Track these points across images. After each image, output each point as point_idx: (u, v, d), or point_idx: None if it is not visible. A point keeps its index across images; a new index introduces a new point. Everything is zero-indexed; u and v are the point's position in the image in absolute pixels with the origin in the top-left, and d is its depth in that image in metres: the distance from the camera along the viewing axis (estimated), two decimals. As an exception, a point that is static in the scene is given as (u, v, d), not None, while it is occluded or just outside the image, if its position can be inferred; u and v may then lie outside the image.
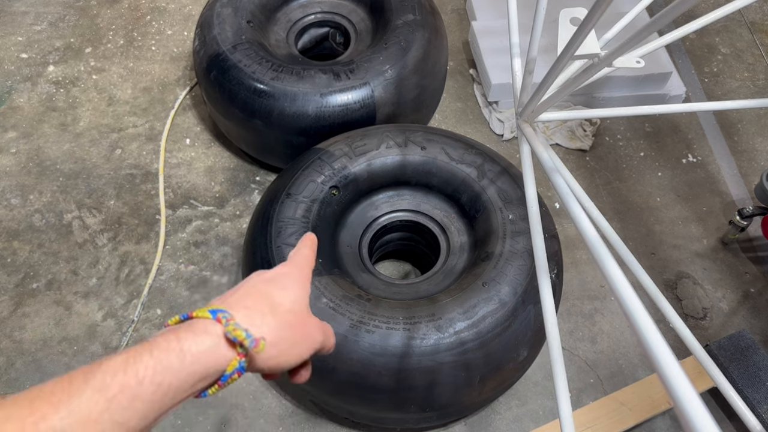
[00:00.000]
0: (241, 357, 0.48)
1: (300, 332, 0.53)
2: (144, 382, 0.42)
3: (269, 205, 1.42)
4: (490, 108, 2.12)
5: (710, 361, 1.02)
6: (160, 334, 0.46)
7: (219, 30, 1.73)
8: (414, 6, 1.79)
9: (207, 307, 0.49)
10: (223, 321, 0.47)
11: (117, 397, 0.40)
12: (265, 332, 0.50)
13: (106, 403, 0.40)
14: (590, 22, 0.66)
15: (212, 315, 0.48)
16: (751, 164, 2.08)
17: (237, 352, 0.48)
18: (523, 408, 1.56)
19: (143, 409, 0.42)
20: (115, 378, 0.41)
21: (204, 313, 0.48)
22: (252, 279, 0.55)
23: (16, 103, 2.07)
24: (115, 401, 0.40)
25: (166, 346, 0.44)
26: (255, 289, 0.53)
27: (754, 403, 1.47)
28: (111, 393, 0.40)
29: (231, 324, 0.47)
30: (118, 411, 0.40)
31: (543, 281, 0.88)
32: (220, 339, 0.47)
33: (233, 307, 0.50)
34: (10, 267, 1.73)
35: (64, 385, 0.40)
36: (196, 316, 0.48)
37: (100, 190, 1.89)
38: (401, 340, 1.20)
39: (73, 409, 0.38)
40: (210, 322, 0.47)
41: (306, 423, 1.51)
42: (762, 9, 2.53)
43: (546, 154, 0.86)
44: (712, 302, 1.77)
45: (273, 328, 0.51)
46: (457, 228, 1.51)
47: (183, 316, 0.49)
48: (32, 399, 0.38)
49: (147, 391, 0.42)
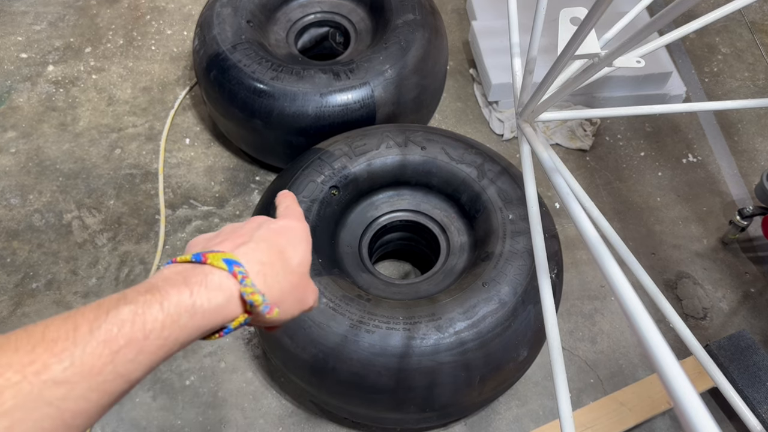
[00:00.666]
0: (248, 315, 0.47)
1: (300, 293, 0.53)
2: (150, 337, 0.41)
3: (269, 205, 1.42)
4: (490, 108, 2.12)
5: (710, 361, 1.02)
6: (171, 282, 0.44)
7: (219, 30, 1.73)
8: (414, 6, 1.79)
9: (221, 253, 0.47)
10: (239, 277, 0.46)
11: (122, 350, 0.39)
12: (276, 293, 0.49)
13: (111, 356, 0.39)
14: (590, 21, 0.66)
15: (228, 267, 0.46)
16: (752, 164, 2.08)
17: (245, 309, 0.47)
18: (523, 408, 1.56)
19: (147, 361, 0.41)
20: (122, 330, 0.40)
21: (220, 263, 0.46)
22: (262, 227, 0.54)
23: (16, 103, 2.07)
24: (120, 354, 0.39)
25: (177, 300, 0.43)
26: (268, 241, 0.52)
27: (754, 403, 1.47)
28: (117, 346, 0.39)
29: (248, 285, 0.46)
30: (122, 363, 0.39)
31: (543, 281, 0.88)
32: (233, 296, 0.46)
33: (248, 258, 0.49)
34: (10, 267, 1.73)
35: (69, 332, 0.38)
36: (211, 263, 0.46)
37: (99, 190, 1.89)
38: (401, 340, 1.20)
39: (75, 361, 0.37)
40: (225, 276, 0.46)
41: (306, 423, 1.51)
42: (762, 9, 2.53)
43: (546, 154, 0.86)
44: (712, 302, 1.77)
45: (282, 289, 0.50)
46: (457, 228, 1.51)
47: (195, 257, 0.47)
48: (34, 345, 0.37)
49: (153, 345, 0.41)
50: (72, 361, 0.37)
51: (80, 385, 0.37)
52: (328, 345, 1.22)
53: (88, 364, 0.38)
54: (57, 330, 0.38)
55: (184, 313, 0.43)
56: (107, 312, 0.40)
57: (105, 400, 0.39)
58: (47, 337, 0.38)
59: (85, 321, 0.39)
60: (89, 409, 0.38)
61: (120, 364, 0.39)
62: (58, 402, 0.36)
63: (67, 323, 0.39)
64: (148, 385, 1.54)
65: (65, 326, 0.39)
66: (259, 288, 0.48)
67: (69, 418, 0.37)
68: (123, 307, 0.41)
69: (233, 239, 0.51)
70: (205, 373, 1.57)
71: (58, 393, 0.36)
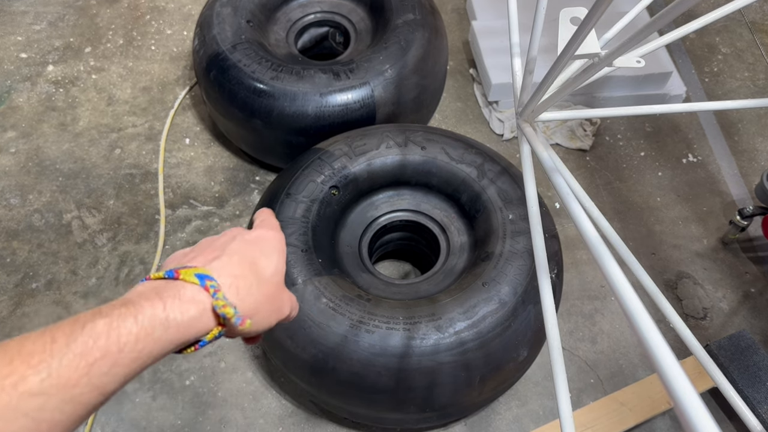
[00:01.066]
0: (222, 327, 0.48)
1: (276, 304, 0.54)
2: (125, 350, 0.42)
3: (269, 205, 1.42)
4: (490, 108, 2.12)
5: (710, 361, 1.01)
6: (145, 296, 0.45)
7: (218, 29, 1.73)
8: (414, 6, 1.79)
9: (193, 268, 0.48)
10: (210, 291, 0.47)
11: (98, 363, 0.40)
12: (250, 305, 0.50)
13: (87, 368, 0.40)
14: (590, 21, 0.66)
15: (200, 281, 0.47)
16: (752, 164, 2.08)
17: (219, 322, 0.48)
18: (523, 408, 1.56)
19: (121, 373, 0.42)
20: (97, 343, 0.40)
21: (191, 278, 0.47)
22: (236, 239, 0.55)
23: (16, 103, 2.07)
24: (96, 366, 0.40)
25: (151, 313, 0.44)
26: (240, 253, 0.53)
27: (755, 403, 1.47)
28: (92, 358, 0.40)
29: (220, 298, 0.47)
30: (97, 376, 0.40)
31: (543, 281, 0.88)
32: (205, 310, 0.47)
33: (220, 272, 0.50)
34: (10, 267, 1.73)
35: (46, 345, 0.39)
36: (183, 278, 0.47)
37: (99, 190, 1.89)
38: (401, 340, 1.20)
39: (52, 372, 0.38)
40: (197, 290, 0.47)
41: (306, 423, 1.51)
42: (762, 9, 2.53)
43: (546, 153, 0.86)
44: (712, 302, 1.77)
45: (256, 300, 0.51)
46: (457, 228, 1.51)
47: (168, 273, 0.48)
48: (11, 358, 0.38)
49: (127, 358, 0.42)
50: (49, 373, 0.38)
51: (56, 396, 0.38)
52: (328, 345, 1.21)
53: (65, 377, 0.39)
54: (34, 343, 0.39)
55: (158, 326, 0.44)
56: (83, 326, 0.41)
57: (80, 412, 0.40)
58: (24, 351, 0.39)
59: (62, 334, 0.40)
60: (64, 421, 0.39)
61: (95, 376, 0.40)
62: (35, 413, 0.37)
63: (44, 336, 0.40)
64: (148, 385, 1.54)
65: (42, 339, 0.40)
66: (232, 301, 0.49)
67: (45, 429, 0.38)
68: (98, 320, 0.42)
69: (206, 254, 0.52)
70: (205, 373, 1.57)
71: (34, 404, 0.37)
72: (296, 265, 1.30)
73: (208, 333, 0.48)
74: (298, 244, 1.34)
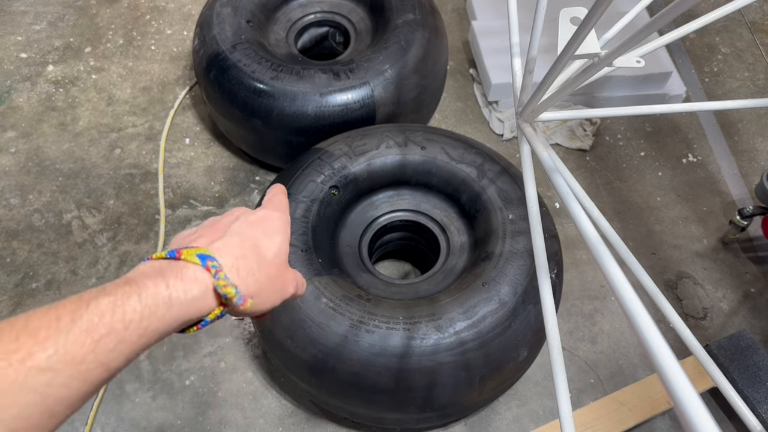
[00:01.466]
0: (224, 307, 0.49)
1: (279, 284, 0.54)
2: (130, 327, 0.42)
3: (269, 204, 1.42)
4: (490, 108, 2.12)
5: (710, 361, 1.01)
6: (148, 275, 0.46)
7: (218, 29, 1.73)
8: (414, 5, 1.79)
9: (195, 249, 0.49)
10: (212, 271, 0.48)
11: (103, 340, 0.40)
12: (251, 285, 0.50)
13: (93, 345, 0.40)
14: (590, 21, 0.66)
15: (202, 262, 0.48)
16: (752, 164, 2.08)
17: (221, 302, 0.48)
18: (523, 408, 1.56)
19: (127, 350, 0.42)
20: (103, 320, 0.41)
21: (193, 258, 0.48)
22: (239, 219, 0.55)
23: (16, 103, 2.07)
24: (102, 343, 0.40)
25: (154, 291, 0.44)
26: (242, 234, 0.53)
27: (755, 403, 1.47)
28: (98, 335, 0.40)
29: (221, 278, 0.48)
30: (103, 353, 0.40)
31: (543, 281, 0.88)
32: (207, 289, 0.47)
33: (222, 252, 0.50)
34: (10, 267, 1.73)
35: (51, 321, 0.39)
36: (185, 258, 0.48)
37: (99, 190, 1.89)
38: (401, 340, 1.20)
39: (59, 349, 0.38)
40: (199, 270, 0.47)
41: (306, 423, 1.51)
42: (762, 9, 2.53)
43: (546, 153, 0.86)
44: (712, 302, 1.77)
45: (257, 280, 0.51)
46: (457, 228, 1.51)
47: (170, 253, 0.48)
48: (18, 334, 0.38)
49: (134, 335, 0.42)
50: (56, 349, 0.38)
51: (63, 372, 0.38)
52: (328, 345, 1.21)
53: (71, 353, 0.39)
54: (39, 320, 0.39)
55: (161, 304, 0.44)
56: (87, 303, 0.41)
57: (86, 388, 0.40)
58: (30, 327, 0.39)
59: (67, 312, 0.40)
60: (71, 397, 0.39)
61: (101, 353, 0.40)
62: (42, 388, 0.37)
63: (49, 314, 0.40)
64: (148, 385, 1.54)
65: (47, 317, 0.40)
66: (233, 281, 0.49)
67: (52, 405, 0.38)
68: (102, 298, 0.42)
69: (209, 235, 0.52)
70: (205, 373, 1.57)
71: (42, 380, 0.37)
72: (296, 265, 1.30)
73: (210, 312, 0.48)
74: (298, 244, 1.34)
